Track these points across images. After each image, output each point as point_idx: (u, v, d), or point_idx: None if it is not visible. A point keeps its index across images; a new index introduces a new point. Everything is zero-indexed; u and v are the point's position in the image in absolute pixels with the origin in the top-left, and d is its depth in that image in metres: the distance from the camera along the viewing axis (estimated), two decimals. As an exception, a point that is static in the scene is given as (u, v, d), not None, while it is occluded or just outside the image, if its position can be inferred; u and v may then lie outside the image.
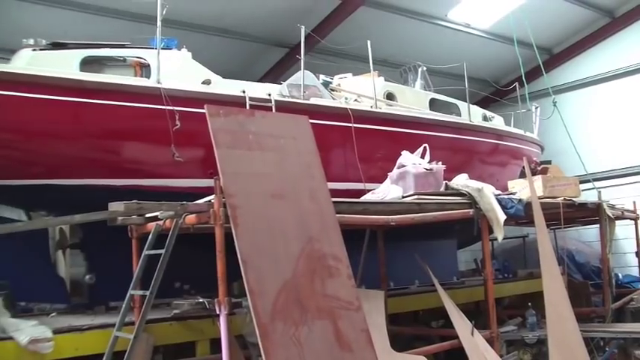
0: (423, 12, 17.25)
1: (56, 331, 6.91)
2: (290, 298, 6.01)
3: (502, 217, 8.68)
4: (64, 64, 8.47)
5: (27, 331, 6.69)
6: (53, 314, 8.69)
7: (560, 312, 8.55)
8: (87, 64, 8.72)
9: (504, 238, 8.96)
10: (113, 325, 6.84)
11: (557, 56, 20.70)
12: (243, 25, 15.66)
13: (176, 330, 7.74)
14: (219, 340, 6.53)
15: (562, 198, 10.36)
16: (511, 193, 9.62)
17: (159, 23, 8.49)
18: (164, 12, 8.55)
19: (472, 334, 8.54)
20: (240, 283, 9.35)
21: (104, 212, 6.60)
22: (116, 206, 6.48)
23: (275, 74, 16.37)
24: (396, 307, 9.97)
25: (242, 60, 16.31)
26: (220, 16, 15.06)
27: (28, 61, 8.45)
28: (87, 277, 9.03)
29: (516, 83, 14.80)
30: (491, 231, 8.91)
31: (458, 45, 18.02)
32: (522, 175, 11.84)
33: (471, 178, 9.36)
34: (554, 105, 14.54)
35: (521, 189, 9.87)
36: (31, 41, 8.69)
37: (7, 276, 8.27)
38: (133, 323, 7.10)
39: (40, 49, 8.66)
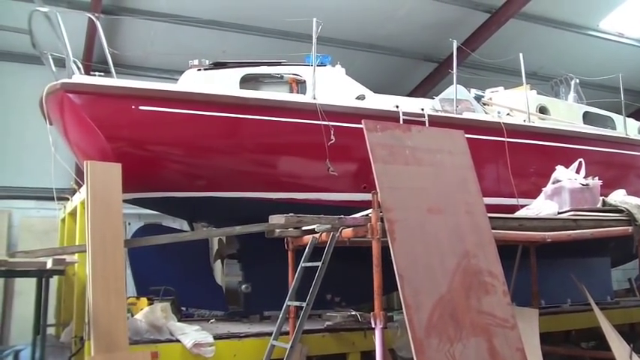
0: (573, 23, 16.82)
1: (216, 337, 7.26)
2: (445, 314, 6.00)
3: (663, 235, 8.32)
4: (226, 82, 8.86)
5: (191, 335, 7.08)
6: (212, 321, 9.07)
7: None
8: (246, 81, 9.11)
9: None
10: (268, 334, 7.10)
11: None
12: (392, 40, 15.83)
13: (328, 341, 7.88)
14: (369, 352, 6.65)
15: None
16: (672, 210, 9.19)
17: (314, 41, 8.71)
18: (319, 30, 8.77)
19: (631, 357, 8.21)
20: (388, 297, 9.53)
21: (263, 224, 6.84)
22: (276, 219, 6.70)
23: (424, 89, 16.43)
24: (548, 325, 9.68)
25: (391, 75, 16.46)
26: (370, 32, 15.30)
27: (193, 81, 8.92)
28: (243, 286, 9.30)
29: (674, 93, 14.16)
30: (649, 249, 8.57)
31: (611, 55, 17.45)
32: (683, 191, 11.27)
33: (627, 194, 9.03)
34: None
35: (683, 205, 9.40)
36: (196, 62, 9.20)
37: (172, 283, 8.74)
38: (287, 333, 7.31)
39: (204, 69, 9.13)
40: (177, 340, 7.04)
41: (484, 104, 11.01)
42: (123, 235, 6.49)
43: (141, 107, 8.00)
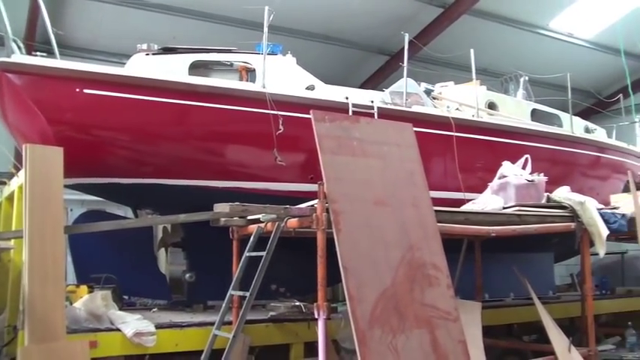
0: (524, 21, 17.05)
1: (158, 326, 7.17)
2: (389, 306, 6.02)
3: (605, 231, 8.47)
4: (174, 68, 8.73)
5: (132, 324, 6.97)
6: (154, 310, 8.99)
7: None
8: (195, 68, 8.98)
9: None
10: (211, 324, 7.03)
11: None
12: (345, 31, 15.83)
13: (272, 331, 7.87)
14: (313, 343, 6.63)
15: (668, 215, 9.98)
16: (614, 208, 9.36)
17: (265, 29, 8.63)
18: (270, 18, 8.70)
19: (569, 350, 8.35)
20: (333, 289, 9.54)
21: (208, 213, 6.76)
22: (221, 207, 6.62)
23: (375, 81, 16.46)
24: (490, 319, 9.78)
25: (343, 66, 16.46)
26: (323, 22, 15.27)
27: (141, 66, 8.78)
28: (187, 275, 9.23)
29: (620, 95, 14.40)
30: (591, 245, 8.71)
31: (560, 55, 17.73)
32: (626, 189, 11.49)
33: (572, 191, 9.16)
34: (662, 118, 14.08)
35: (625, 203, 9.58)
36: (145, 46, 9.04)
37: (113, 270, 8.60)
38: (230, 323, 7.27)
39: (153, 54, 8.99)
40: (118, 329, 6.92)
41: (434, 98, 11.06)
42: (63, 221, 6.33)
43: (85, 90, 7.83)
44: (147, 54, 8.97)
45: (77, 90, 7.84)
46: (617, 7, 16.61)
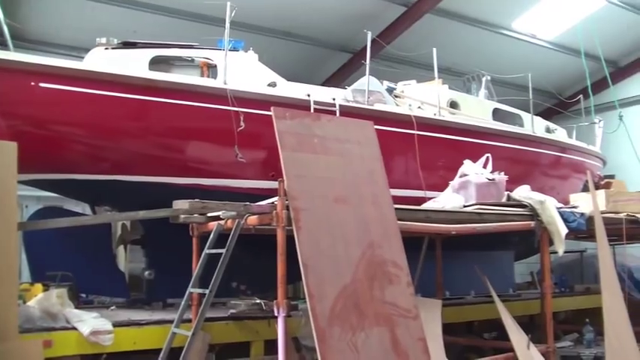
0: (488, 21, 17.14)
1: (116, 324, 7.05)
2: (349, 303, 6.01)
3: (564, 230, 8.55)
4: (134, 63, 8.62)
5: (89, 322, 6.85)
6: (113, 307, 8.87)
7: (620, 330, 8.37)
8: (155, 63, 8.87)
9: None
10: (170, 322, 6.96)
11: (623, 69, 20.35)
12: (308, 28, 15.77)
13: (232, 329, 7.80)
14: (273, 341, 6.59)
15: (625, 213, 10.11)
16: (573, 207, 9.45)
17: (227, 25, 8.58)
18: (233, 14, 8.63)
19: (528, 347, 8.41)
20: (294, 286, 9.52)
21: (168, 209, 6.68)
22: (180, 204, 6.54)
23: (338, 79, 16.41)
24: (451, 316, 9.84)
25: (306, 63, 16.40)
26: (286, 19, 15.19)
27: (100, 60, 8.65)
28: (146, 272, 9.15)
29: (580, 95, 14.58)
30: (551, 244, 8.79)
31: (522, 55, 17.88)
32: (585, 189, 11.63)
33: (532, 190, 9.23)
34: (620, 119, 14.26)
35: (584, 203, 9.68)
36: (104, 40, 8.91)
37: (70, 268, 8.47)
38: (190, 321, 7.20)
39: (112, 48, 8.86)
40: (74, 328, 6.79)
41: (396, 97, 11.06)
42: (17, 218, 6.20)
43: (41, 84, 7.72)
44: (106, 48, 8.83)
45: (32, 84, 7.72)
46: (578, 9, 16.81)
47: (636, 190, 11.76)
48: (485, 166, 9.34)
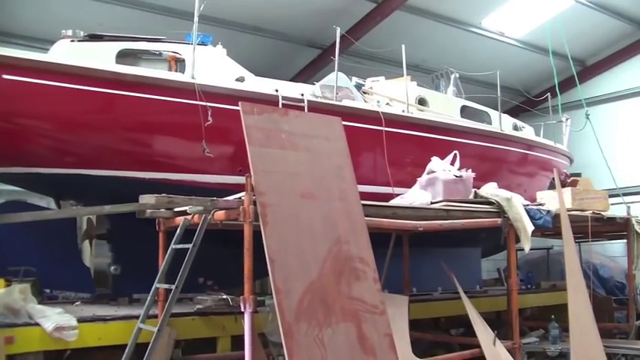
0: (457, 19, 17.22)
1: (81, 320, 6.97)
2: (315, 299, 6.00)
3: (530, 227, 8.62)
4: (101, 56, 8.52)
5: (53, 318, 6.75)
6: (77, 303, 8.74)
7: (584, 326, 8.48)
8: (123, 56, 8.78)
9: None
10: (136, 317, 6.88)
11: (590, 68, 20.58)
12: (277, 23, 15.71)
13: (198, 325, 7.77)
14: (240, 337, 6.55)
15: (591, 211, 10.23)
16: (540, 204, 9.54)
17: (196, 19, 8.50)
18: (201, 8, 8.57)
19: (494, 343, 8.48)
20: (262, 282, 9.50)
21: (134, 204, 6.63)
22: (147, 199, 6.49)
23: (307, 74, 16.39)
24: (418, 312, 9.89)
25: (275, 58, 16.33)
26: (254, 14, 15.11)
27: (65, 52, 8.54)
28: (112, 268, 9.05)
29: (548, 94, 14.71)
30: (517, 241, 8.87)
31: (491, 53, 18.00)
32: (552, 187, 11.74)
33: (499, 188, 9.30)
34: (587, 117, 14.39)
35: (550, 200, 9.77)
36: (70, 32, 8.80)
37: (34, 263, 8.35)
38: (156, 316, 7.16)
39: (78, 41, 8.75)
40: (37, 324, 6.68)
41: (364, 93, 11.07)
42: (-22, 211, 6.12)
43: (4, 76, 7.56)
44: (72, 40, 8.71)
45: None
46: (546, 8, 16.93)
47: (602, 189, 11.95)
48: (452, 163, 9.38)
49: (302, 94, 9.41)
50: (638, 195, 17.64)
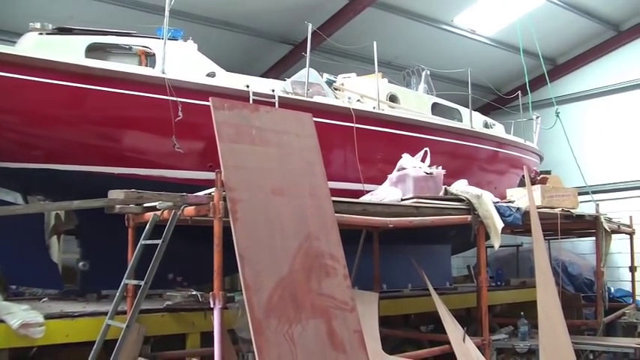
0: (429, 16, 17.23)
1: (48, 317, 6.86)
2: (285, 295, 5.97)
3: (500, 224, 8.66)
4: (70, 50, 8.44)
5: (19, 314, 6.64)
6: (45, 299, 8.67)
7: (553, 323, 8.54)
8: (92, 50, 8.71)
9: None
10: (105, 314, 6.83)
11: (560, 67, 20.73)
12: (248, 18, 15.59)
13: (167, 321, 7.70)
14: (209, 333, 6.52)
15: (560, 209, 10.33)
16: (510, 202, 9.60)
17: (167, 13, 8.47)
18: (172, 2, 8.52)
19: (464, 340, 8.52)
20: (232, 278, 9.47)
21: (102, 199, 6.54)
22: (115, 194, 6.44)
23: (278, 70, 16.30)
24: (388, 309, 9.94)
25: (246, 54, 16.24)
26: (226, 9, 15.01)
27: (33, 45, 8.43)
28: (80, 263, 8.98)
29: (519, 92, 14.82)
30: (487, 238, 8.92)
31: (462, 50, 18.05)
32: (522, 184, 11.83)
33: (469, 185, 9.34)
34: (557, 116, 14.54)
35: (520, 197, 9.84)
36: (38, 25, 8.69)
37: (1, 260, 8.25)
38: (124, 312, 7.08)
39: (47, 34, 8.65)
40: (2, 321, 6.58)
41: (335, 89, 11.09)
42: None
43: None
44: (40, 33, 8.60)
45: None
46: (517, 6, 17.01)
47: (572, 186, 12.07)
48: (423, 160, 9.42)
49: (273, 90, 9.41)
50: (607, 193, 17.89)
